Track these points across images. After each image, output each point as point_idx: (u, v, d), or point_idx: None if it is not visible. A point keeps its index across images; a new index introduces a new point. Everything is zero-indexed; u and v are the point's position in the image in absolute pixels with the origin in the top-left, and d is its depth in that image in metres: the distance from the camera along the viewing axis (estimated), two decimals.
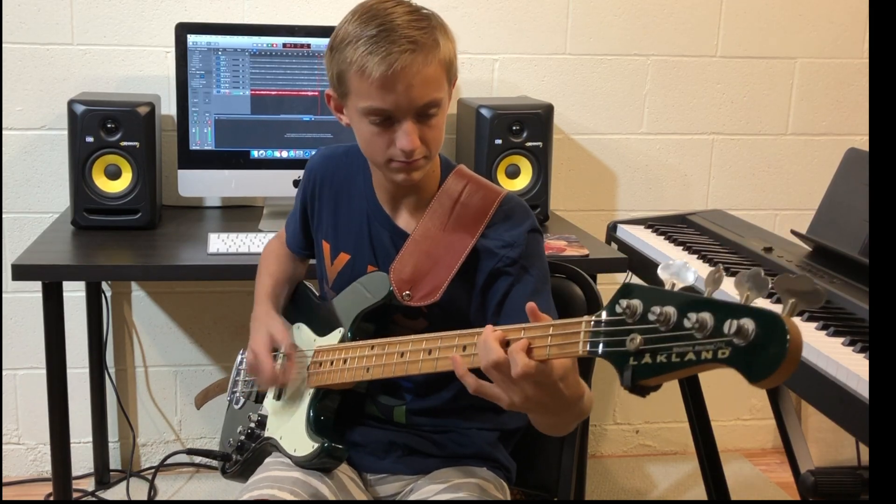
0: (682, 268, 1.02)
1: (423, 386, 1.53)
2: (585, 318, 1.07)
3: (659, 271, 1.04)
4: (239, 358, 1.75)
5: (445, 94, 1.40)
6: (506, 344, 1.16)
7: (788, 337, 0.87)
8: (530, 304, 1.18)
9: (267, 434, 1.57)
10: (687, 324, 0.94)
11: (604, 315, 1.05)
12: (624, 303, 1.01)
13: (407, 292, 1.45)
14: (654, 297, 0.98)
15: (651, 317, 0.97)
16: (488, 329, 1.18)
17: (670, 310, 0.96)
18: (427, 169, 1.44)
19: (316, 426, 1.49)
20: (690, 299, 0.95)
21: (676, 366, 0.95)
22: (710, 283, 0.99)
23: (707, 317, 0.92)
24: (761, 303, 0.94)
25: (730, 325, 0.90)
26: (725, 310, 0.92)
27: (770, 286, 0.94)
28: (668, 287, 1.01)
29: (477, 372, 1.21)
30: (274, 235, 1.78)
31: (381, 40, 1.32)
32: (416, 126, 1.37)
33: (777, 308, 0.93)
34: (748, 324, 0.89)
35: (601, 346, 1.04)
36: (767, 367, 0.88)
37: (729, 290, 1.57)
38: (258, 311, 1.61)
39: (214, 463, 1.71)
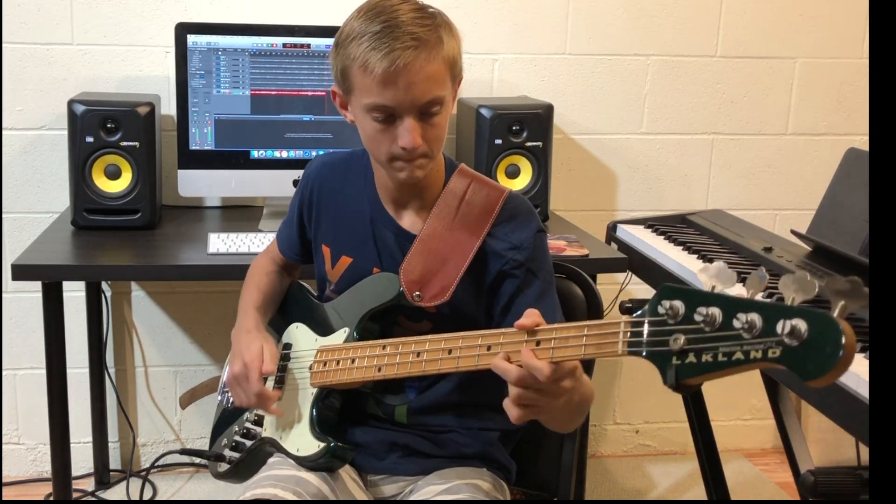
0: (721, 270, 1.04)
1: (424, 388, 1.53)
2: (625, 318, 1.09)
3: (698, 273, 1.07)
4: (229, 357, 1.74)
5: (448, 92, 1.40)
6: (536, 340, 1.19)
7: (844, 336, 0.90)
8: (534, 312, 1.19)
9: (265, 434, 1.57)
10: (736, 324, 0.97)
11: (646, 315, 1.06)
12: (666, 304, 1.03)
13: (417, 293, 1.45)
14: (698, 299, 1.01)
15: (697, 318, 1.00)
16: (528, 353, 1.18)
17: (715, 310, 0.99)
18: (430, 167, 1.44)
19: (320, 426, 1.48)
20: (737, 301, 0.98)
21: (723, 364, 0.97)
22: (753, 285, 1.01)
23: (756, 317, 0.95)
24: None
25: (783, 326, 0.93)
26: (775, 311, 0.95)
27: (816, 290, 0.96)
28: (707, 289, 1.03)
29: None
30: (261, 252, 1.77)
31: (385, 36, 1.32)
32: (417, 123, 1.37)
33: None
34: (801, 324, 0.92)
35: (644, 345, 1.06)
36: (822, 366, 0.91)
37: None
38: (247, 323, 1.59)
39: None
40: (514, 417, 1.19)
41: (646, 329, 1.05)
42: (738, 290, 1.00)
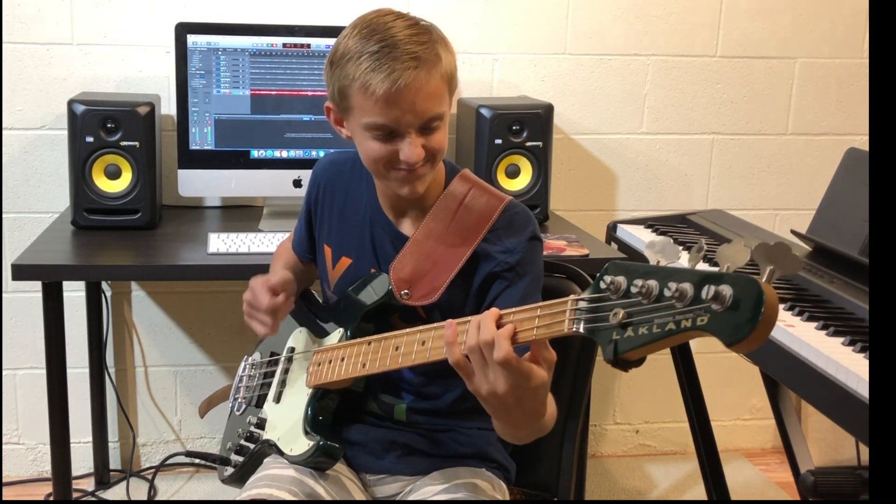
0: (667, 244, 1.03)
1: (423, 386, 1.53)
2: (571, 297, 1.09)
3: (644, 249, 1.06)
4: (242, 364, 1.75)
5: (448, 106, 1.41)
6: (499, 326, 1.17)
7: (764, 298, 0.88)
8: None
9: (265, 436, 1.57)
10: (667, 293, 0.95)
11: (588, 292, 1.06)
12: (608, 279, 1.02)
13: (405, 291, 1.45)
14: (637, 272, 1.00)
15: (633, 290, 0.99)
16: (492, 311, 1.18)
17: (652, 283, 0.97)
18: (430, 177, 1.44)
19: (312, 425, 1.49)
20: (672, 271, 0.97)
21: (657, 336, 0.96)
22: (692, 258, 1.01)
23: (687, 286, 0.94)
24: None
25: (707, 291, 0.92)
26: (704, 278, 0.93)
27: (749, 256, 0.95)
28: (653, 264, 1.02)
29: None
30: (286, 236, 1.79)
31: (384, 57, 1.32)
32: (419, 138, 1.37)
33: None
34: (726, 289, 0.90)
35: (583, 322, 1.05)
36: (743, 330, 0.89)
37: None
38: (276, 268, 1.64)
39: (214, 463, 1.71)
40: (453, 358, 1.20)
41: (587, 305, 1.05)
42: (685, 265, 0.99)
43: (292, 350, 1.61)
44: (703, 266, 0.97)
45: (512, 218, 1.48)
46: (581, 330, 1.05)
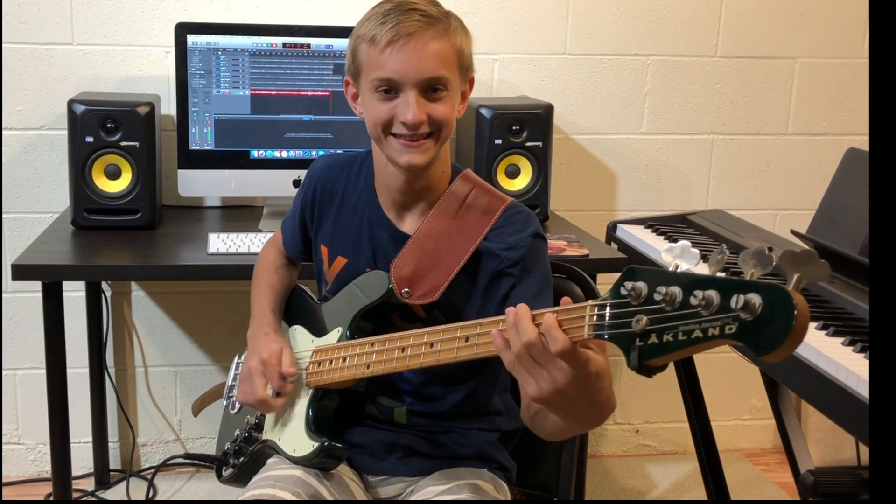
0: (685, 250, 1.02)
1: (422, 388, 1.53)
2: (591, 301, 1.07)
3: (662, 254, 1.05)
4: (236, 362, 1.75)
5: (455, 78, 1.40)
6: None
7: (796, 311, 0.87)
8: (525, 306, 1.15)
9: (265, 437, 1.57)
10: (693, 301, 0.94)
11: (608, 298, 1.04)
12: (629, 285, 1.01)
13: (406, 289, 1.45)
14: (659, 279, 0.98)
15: (657, 297, 0.97)
16: (522, 308, 1.13)
17: (675, 289, 0.96)
18: (433, 154, 1.42)
19: (315, 426, 1.48)
20: (695, 278, 0.96)
21: (683, 344, 0.95)
22: (713, 263, 0.99)
23: (713, 294, 0.92)
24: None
25: (736, 301, 0.90)
26: (731, 286, 0.92)
27: (774, 263, 0.94)
28: (671, 269, 1.01)
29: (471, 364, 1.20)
30: (267, 242, 1.76)
31: (394, 12, 1.36)
32: (421, 99, 1.37)
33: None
34: (755, 298, 0.89)
35: (606, 328, 1.04)
36: (775, 340, 0.88)
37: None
38: (265, 326, 1.59)
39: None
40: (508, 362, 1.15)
41: (609, 311, 1.04)
42: (703, 270, 0.98)
43: None
44: (721, 274, 0.96)
45: (514, 217, 1.48)
46: (605, 337, 1.04)
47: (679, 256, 1.02)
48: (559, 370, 1.09)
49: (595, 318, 1.05)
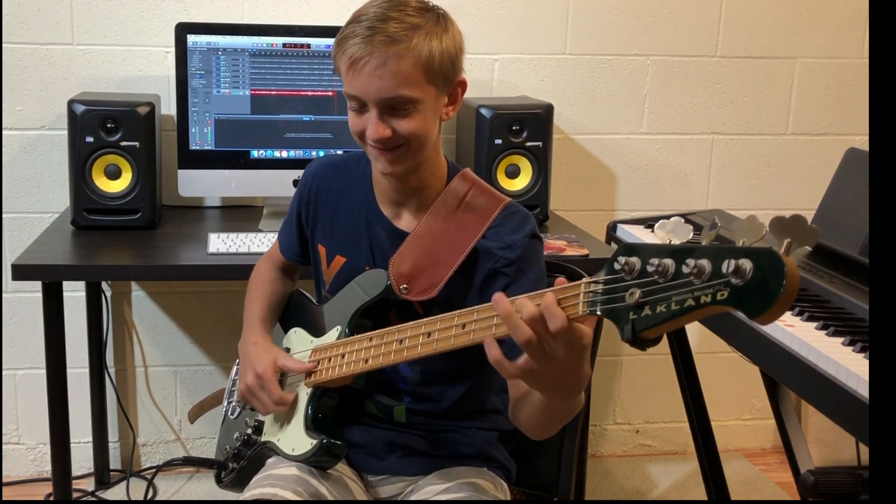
0: (678, 224, 1.03)
1: (421, 387, 1.53)
2: (584, 279, 1.08)
3: (655, 229, 1.06)
4: (234, 368, 1.74)
5: (425, 91, 1.39)
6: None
7: (786, 269, 0.88)
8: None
9: (264, 438, 1.57)
10: (685, 270, 0.95)
11: (602, 274, 1.05)
12: (622, 260, 1.02)
13: (404, 286, 1.46)
14: (652, 252, 0.99)
15: (650, 269, 0.98)
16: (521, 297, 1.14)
17: (668, 261, 0.97)
18: (409, 163, 1.43)
19: (314, 424, 1.48)
20: (688, 248, 0.97)
21: (676, 313, 0.96)
22: (706, 237, 1.01)
23: (704, 262, 0.94)
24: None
25: (727, 266, 0.91)
26: (722, 253, 0.93)
27: (765, 231, 0.95)
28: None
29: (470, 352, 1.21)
30: (262, 257, 1.77)
31: (362, 28, 1.35)
32: (382, 116, 1.38)
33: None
34: (745, 263, 0.91)
35: (599, 304, 1.04)
36: (766, 301, 0.89)
37: None
38: (254, 336, 1.60)
39: None
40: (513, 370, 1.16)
41: (602, 287, 1.04)
42: None
43: (287, 350, 1.61)
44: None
45: (511, 216, 1.48)
46: (598, 312, 1.05)
47: (672, 231, 1.04)
48: (557, 343, 1.11)
49: (588, 294, 1.06)
